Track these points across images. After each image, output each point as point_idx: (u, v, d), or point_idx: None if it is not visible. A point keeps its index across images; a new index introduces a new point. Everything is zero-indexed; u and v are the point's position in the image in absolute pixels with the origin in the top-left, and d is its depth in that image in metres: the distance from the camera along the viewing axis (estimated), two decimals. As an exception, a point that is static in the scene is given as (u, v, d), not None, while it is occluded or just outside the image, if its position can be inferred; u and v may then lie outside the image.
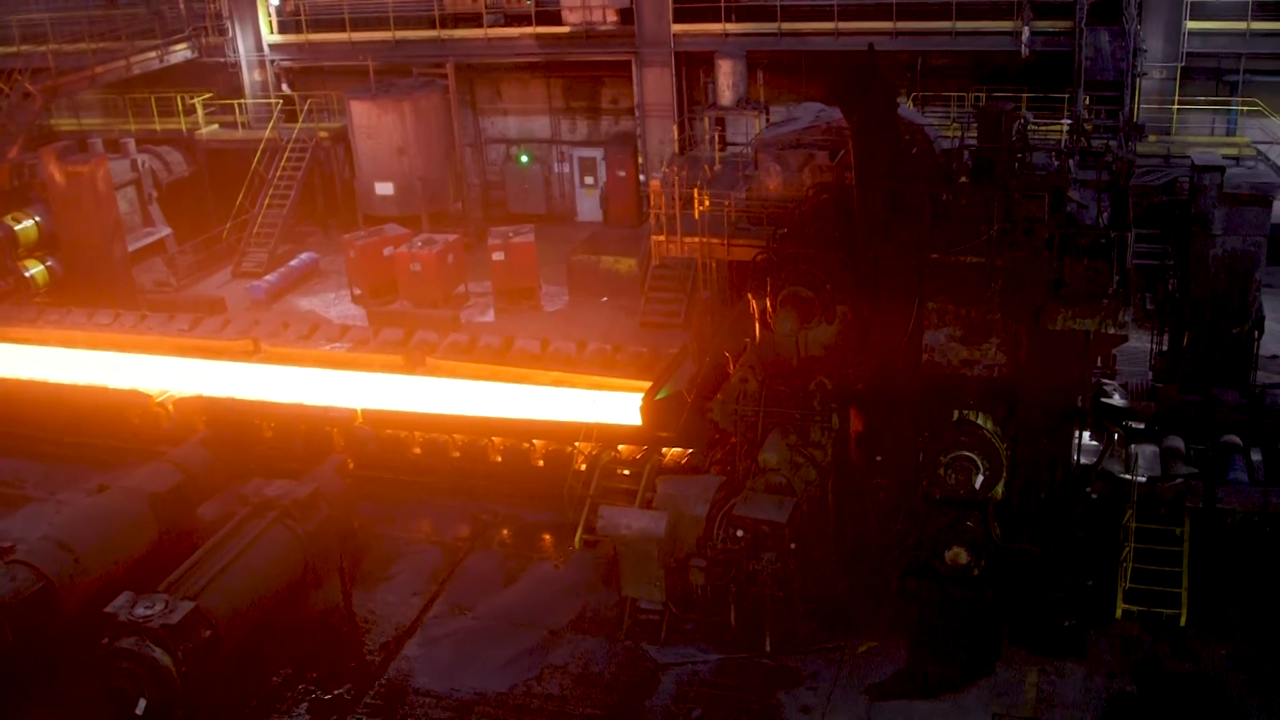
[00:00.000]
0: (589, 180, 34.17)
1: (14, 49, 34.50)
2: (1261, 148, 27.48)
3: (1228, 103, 28.25)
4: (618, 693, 15.14)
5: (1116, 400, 18.39)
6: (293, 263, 31.07)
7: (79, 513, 17.35)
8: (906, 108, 21.79)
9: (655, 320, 25.98)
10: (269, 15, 34.59)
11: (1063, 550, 16.00)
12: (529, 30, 31.95)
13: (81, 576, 15.96)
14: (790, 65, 30.70)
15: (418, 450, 20.03)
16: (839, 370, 15.72)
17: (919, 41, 29.08)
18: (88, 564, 16.10)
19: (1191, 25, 27.49)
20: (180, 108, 34.01)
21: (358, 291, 28.48)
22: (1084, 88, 26.29)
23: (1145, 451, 17.40)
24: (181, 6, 36.49)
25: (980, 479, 15.31)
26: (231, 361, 22.68)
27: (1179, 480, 16.46)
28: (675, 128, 30.40)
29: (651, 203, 21.57)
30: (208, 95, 34.60)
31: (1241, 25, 27.28)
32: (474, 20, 32.68)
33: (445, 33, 32.74)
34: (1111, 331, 14.80)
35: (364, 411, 20.23)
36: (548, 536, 18.67)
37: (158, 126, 34.29)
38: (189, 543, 16.88)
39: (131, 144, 32.16)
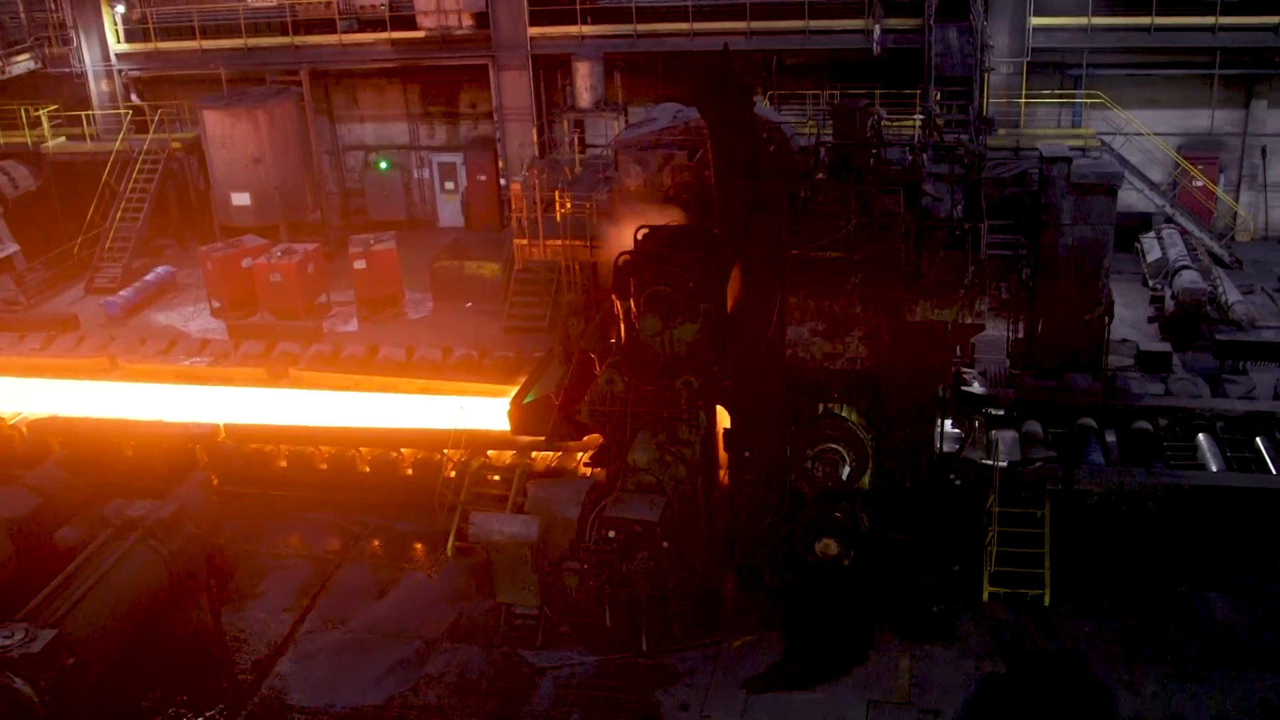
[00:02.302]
0: (449, 185, 33.95)
1: None
2: (1106, 138, 28.45)
3: (1072, 96, 29.14)
4: (495, 699, 15.05)
5: (976, 388, 18.86)
6: (148, 277, 30.26)
7: (-71, 543, 16.72)
8: (763, 106, 22.05)
9: (520, 324, 25.88)
10: (115, 24, 33.69)
11: (929, 537, 16.32)
12: (383, 35, 31.64)
13: (-66, 609, 15.37)
14: (647, 66, 30.90)
15: (284, 464, 19.73)
16: (705, 368, 15.82)
17: (773, 40, 29.49)
18: (-60, 595, 15.53)
19: (1035, 21, 28.30)
20: (25, 120, 32.94)
21: (217, 304, 27.89)
22: (934, 83, 26.87)
23: (1005, 437, 17.86)
24: (23, 15, 35.45)
25: (847, 470, 15.57)
26: (87, 380, 22.05)
27: (1038, 464, 16.92)
28: (534, 131, 30.36)
29: (513, 206, 21.49)
30: (53, 107, 33.55)
31: (1082, 21, 28.23)
32: (327, 26, 32.27)
33: (298, 39, 32.29)
34: (969, 321, 15.12)
35: (227, 427, 19.86)
36: (419, 546, 18.47)
37: (1, 140, 33.20)
38: (49, 568, 16.29)
39: (-27, 159, 31.18)
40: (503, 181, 31.09)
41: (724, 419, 16.42)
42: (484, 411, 19.21)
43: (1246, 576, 16.39)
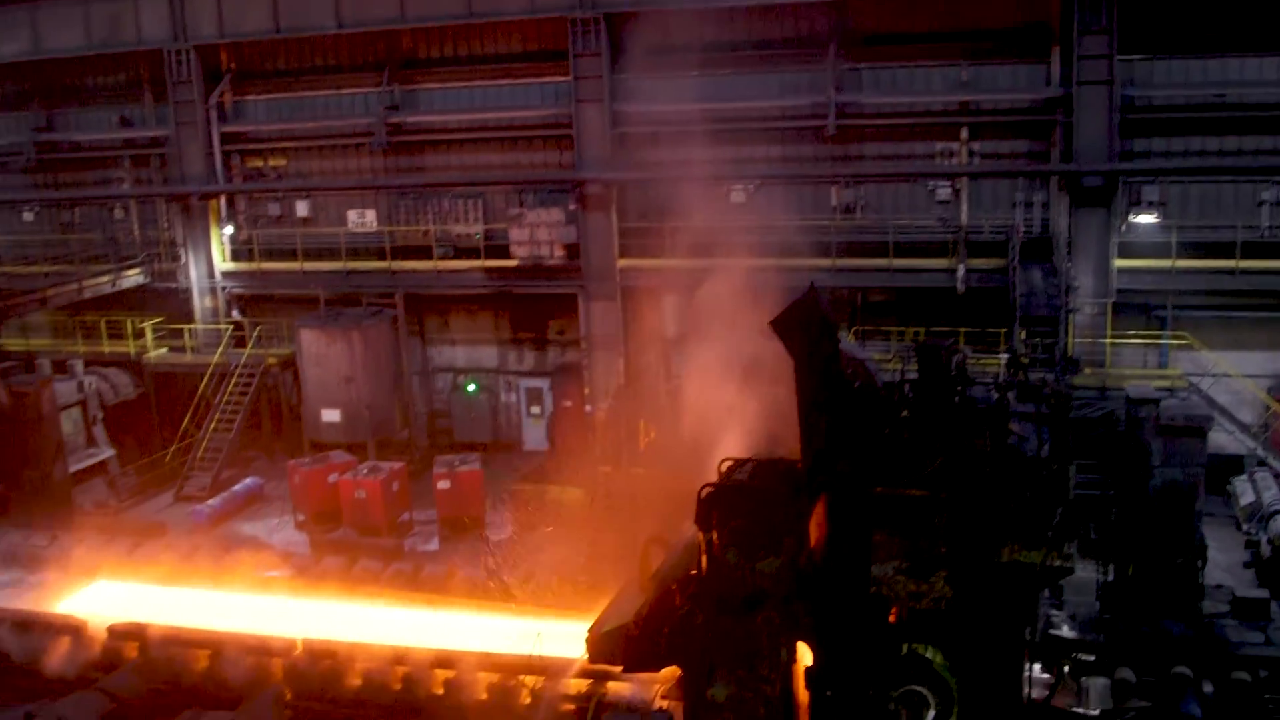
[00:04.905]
0: (535, 410, 34.38)
1: (-36, 273, 34.95)
2: (1193, 379, 28.17)
3: (1158, 337, 29.06)
4: None
5: (1065, 632, 18.37)
6: (236, 488, 30.81)
7: (3, 747, 16.76)
8: (848, 342, 22.25)
9: (602, 550, 25.75)
10: (223, 244, 35.15)
11: (1016, 788, 15.72)
12: (477, 264, 32.64)
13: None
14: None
15: (358, 681, 19.56)
16: (787, 603, 15.60)
17: (858, 278, 29.91)
18: (10, 801, 15.47)
19: (1119, 263, 28.48)
20: (130, 331, 34.16)
21: (301, 518, 28.19)
22: (1019, 323, 26.99)
23: (1096, 684, 17.30)
24: (136, 233, 37.08)
25: (931, 714, 15.12)
26: (169, 586, 22.21)
27: (1131, 713, 16.36)
28: (622, 359, 30.77)
29: (598, 433, 21.70)
30: (158, 320, 34.82)
31: (1166, 263, 28.30)
32: (424, 253, 33.33)
33: (395, 264, 33.39)
34: (1057, 564, 14.85)
35: (304, 641, 19.82)
36: (491, 773, 18.13)
37: (106, 349, 34.46)
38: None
39: (79, 365, 32.18)
40: (588, 408, 31.46)
41: (805, 656, 16.11)
42: (561, 638, 19.03)
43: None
